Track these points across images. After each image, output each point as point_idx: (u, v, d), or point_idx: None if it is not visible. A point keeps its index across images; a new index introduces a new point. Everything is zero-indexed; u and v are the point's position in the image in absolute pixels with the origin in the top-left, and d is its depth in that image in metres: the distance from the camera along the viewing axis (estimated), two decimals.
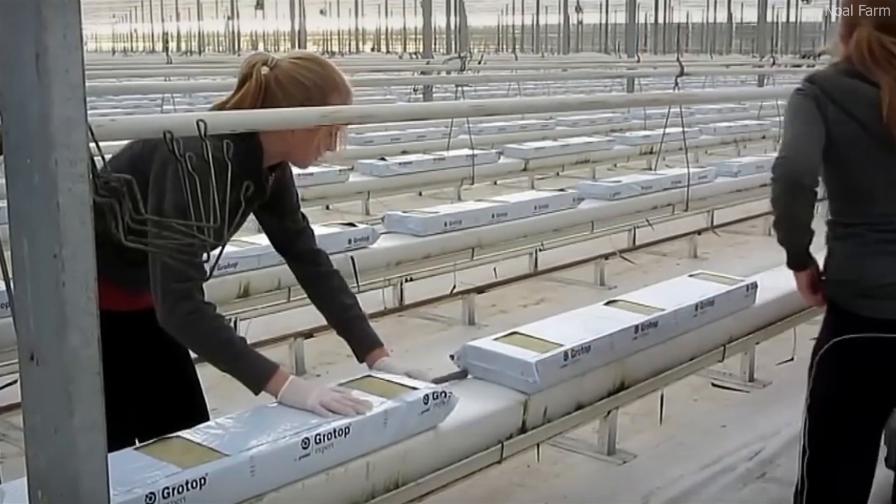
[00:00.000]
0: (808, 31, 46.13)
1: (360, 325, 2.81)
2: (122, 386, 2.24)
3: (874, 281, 2.60)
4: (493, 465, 2.87)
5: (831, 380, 2.74)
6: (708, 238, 8.61)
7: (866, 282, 2.62)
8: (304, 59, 2.61)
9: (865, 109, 2.51)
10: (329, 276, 2.86)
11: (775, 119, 14.16)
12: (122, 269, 2.38)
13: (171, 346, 2.57)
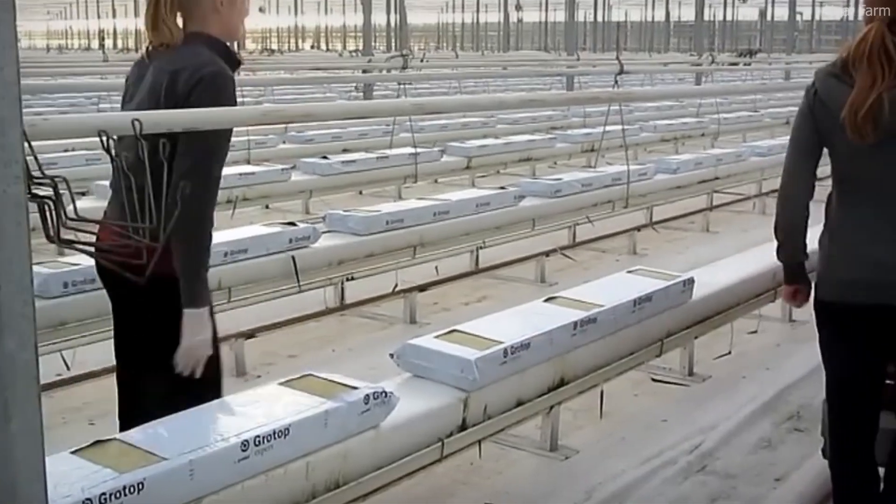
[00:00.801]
0: (745, 30, 46.80)
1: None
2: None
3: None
4: (434, 463, 2.87)
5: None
6: (647, 234, 8.69)
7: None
8: None
9: (837, 104, 2.75)
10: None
11: (713, 116, 14.38)
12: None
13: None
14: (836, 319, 2.97)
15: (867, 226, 2.86)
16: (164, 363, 2.63)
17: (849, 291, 2.90)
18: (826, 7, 42.67)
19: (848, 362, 3.01)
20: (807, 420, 4.49)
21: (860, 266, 2.87)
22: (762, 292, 4.69)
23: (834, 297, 2.95)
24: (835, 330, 3.00)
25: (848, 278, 2.90)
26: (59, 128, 1.85)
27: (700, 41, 20.05)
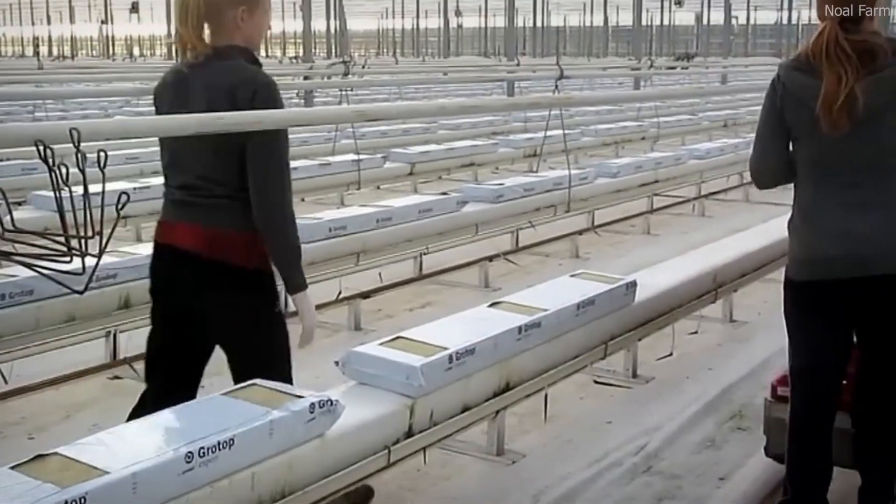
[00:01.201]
0: (682, 34, 47.34)
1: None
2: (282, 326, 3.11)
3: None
4: (381, 470, 2.86)
5: None
6: (589, 238, 8.76)
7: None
8: None
9: (814, 99, 2.92)
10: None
11: (653, 120, 14.53)
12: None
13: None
14: (813, 298, 3.09)
15: (842, 204, 3.00)
16: (241, 338, 3.08)
17: (827, 268, 3.03)
18: (761, 11, 43.31)
19: (822, 341, 3.14)
20: (749, 419, 4.55)
21: (838, 242, 3.00)
22: (703, 293, 4.75)
23: (812, 276, 3.07)
24: (809, 309, 3.12)
25: (827, 255, 3.03)
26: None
27: (638, 46, 20.26)
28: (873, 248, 2.99)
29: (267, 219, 2.97)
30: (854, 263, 3.00)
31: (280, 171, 2.99)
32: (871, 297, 3.05)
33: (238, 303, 3.02)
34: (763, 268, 5.44)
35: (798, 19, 38.45)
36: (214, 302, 3.02)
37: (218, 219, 3.02)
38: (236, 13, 3.02)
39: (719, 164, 10.90)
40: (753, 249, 5.30)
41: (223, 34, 3.03)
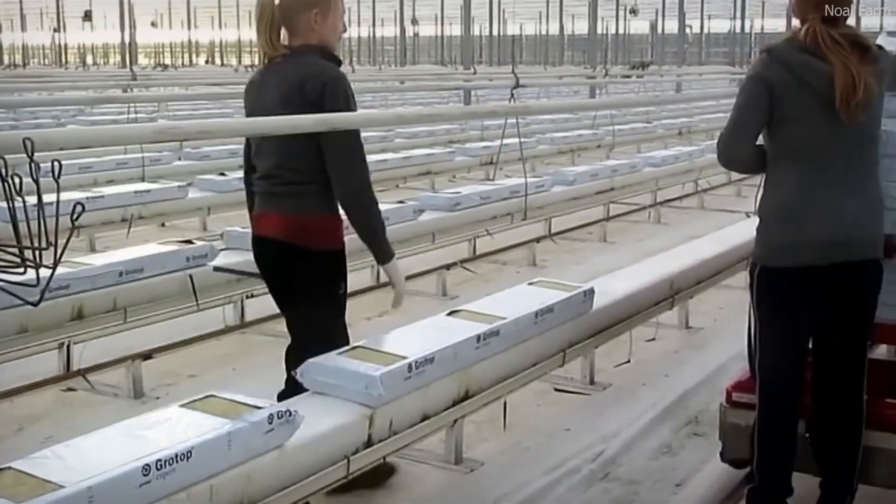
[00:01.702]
0: (637, 43, 47.72)
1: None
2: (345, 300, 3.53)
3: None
4: (340, 480, 2.85)
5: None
6: (546, 246, 8.78)
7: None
8: None
9: (818, 79, 2.95)
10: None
11: (608, 128, 14.62)
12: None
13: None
14: (794, 285, 3.12)
15: (831, 187, 3.04)
16: (318, 304, 3.46)
17: (818, 252, 3.06)
18: (714, 20, 43.78)
19: (796, 332, 3.19)
20: (705, 425, 4.58)
21: (830, 226, 3.05)
22: (660, 300, 4.78)
23: (798, 262, 3.08)
24: (788, 297, 3.14)
25: (820, 239, 3.05)
26: None
27: (594, 54, 20.43)
28: (860, 232, 3.07)
29: (352, 199, 3.37)
30: (843, 248, 3.05)
31: (359, 154, 3.36)
32: (851, 282, 3.10)
33: (319, 282, 3.46)
34: (718, 274, 5.49)
35: (751, 28, 38.89)
36: (293, 281, 3.49)
37: (295, 206, 3.42)
38: (310, 16, 3.36)
39: (674, 171, 10.99)
40: (709, 256, 5.34)
41: (299, 36, 3.39)
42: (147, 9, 41.47)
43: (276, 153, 3.43)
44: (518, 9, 42.18)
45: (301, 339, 3.56)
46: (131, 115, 12.40)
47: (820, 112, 2.98)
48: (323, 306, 3.48)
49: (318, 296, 3.47)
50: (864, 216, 3.09)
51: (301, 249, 3.42)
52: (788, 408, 3.26)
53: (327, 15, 3.41)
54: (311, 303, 3.48)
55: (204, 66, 43.05)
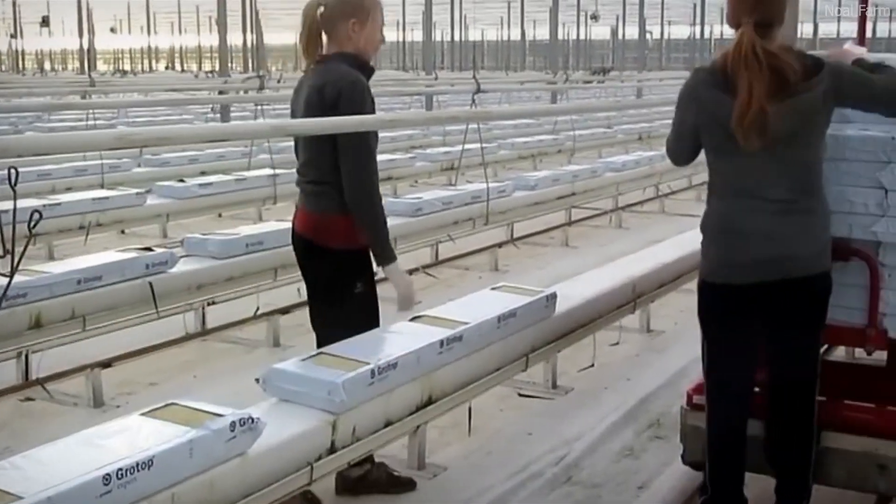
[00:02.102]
0: (598, 49, 47.97)
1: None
2: (374, 296, 3.74)
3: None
4: (303, 487, 2.84)
5: None
6: (508, 251, 8.80)
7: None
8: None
9: (727, 119, 2.96)
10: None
11: (569, 133, 14.68)
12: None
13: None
14: (732, 302, 3.14)
15: (762, 210, 3.05)
16: (335, 301, 3.71)
17: (750, 270, 3.08)
18: (674, 26, 44.09)
19: (738, 346, 3.20)
20: (667, 428, 4.61)
21: (761, 245, 3.06)
22: (622, 304, 4.81)
23: (733, 279, 3.11)
24: (727, 313, 3.17)
25: (751, 257, 3.07)
26: None
27: (555, 60, 20.49)
28: (794, 250, 3.06)
29: (357, 201, 3.55)
30: (776, 266, 3.06)
31: (366, 158, 3.57)
32: (787, 299, 3.11)
33: (335, 279, 3.69)
34: (679, 278, 5.53)
35: (710, 34, 39.20)
36: (318, 277, 3.76)
37: (317, 204, 3.69)
38: (348, 25, 3.57)
39: (635, 176, 11.06)
40: (670, 260, 5.38)
41: (336, 43, 3.61)
42: (106, 14, 41.11)
43: (306, 150, 3.71)
44: (479, 14, 42.22)
45: (321, 333, 3.77)
46: (90, 122, 12.28)
47: (738, 148, 2.98)
48: (339, 303, 3.70)
49: (334, 293, 3.72)
50: (801, 235, 3.07)
51: (319, 247, 3.70)
52: (735, 422, 3.27)
53: (365, 25, 3.61)
54: (328, 299, 3.75)
55: (164, 71, 42.74)
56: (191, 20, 44.14)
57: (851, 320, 3.43)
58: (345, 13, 3.59)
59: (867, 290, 3.46)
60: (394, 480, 3.98)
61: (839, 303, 3.42)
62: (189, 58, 50.38)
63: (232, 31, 16.82)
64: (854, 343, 3.81)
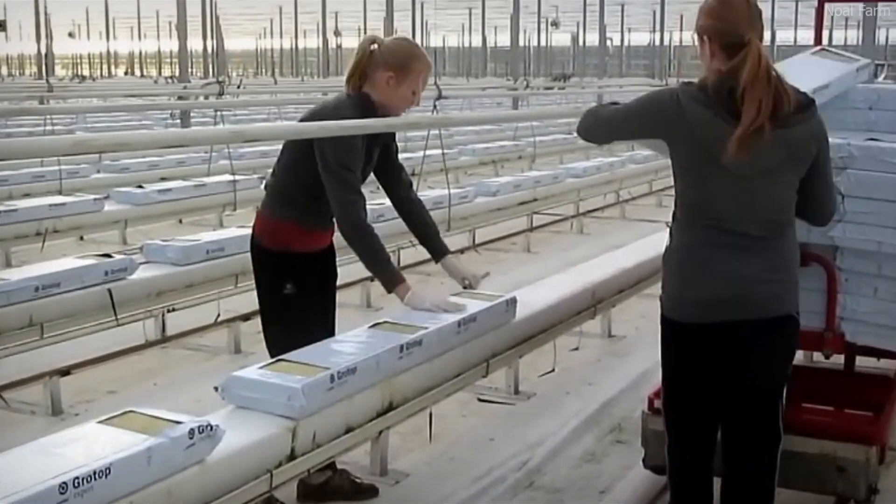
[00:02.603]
0: (559, 55, 48.18)
1: (436, 239, 4.13)
2: (314, 301, 3.82)
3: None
4: (263, 495, 2.82)
5: None
6: (470, 256, 8.81)
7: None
8: (400, 38, 3.87)
9: (714, 142, 2.78)
10: (416, 202, 4.13)
11: (530, 139, 14.73)
12: (315, 220, 3.79)
13: (331, 277, 4.02)
14: (696, 340, 2.97)
15: (729, 247, 2.87)
16: (264, 299, 3.87)
17: (716, 310, 2.91)
18: (634, 33, 44.39)
19: (698, 390, 3.05)
20: (628, 432, 4.63)
21: (728, 284, 2.89)
22: (582, 309, 4.82)
23: (700, 319, 2.94)
24: (690, 352, 3.00)
25: (717, 296, 2.90)
26: None
27: (516, 66, 20.54)
28: (756, 290, 2.90)
29: (343, 235, 3.68)
30: (738, 306, 2.90)
31: (336, 192, 3.60)
32: (750, 340, 2.95)
33: (265, 278, 3.84)
34: (640, 283, 5.55)
35: (670, 41, 39.49)
36: (255, 274, 3.89)
37: (264, 204, 3.87)
38: (385, 76, 3.65)
39: (596, 182, 11.10)
40: (630, 266, 5.40)
41: (370, 85, 3.70)
42: (64, 19, 40.76)
43: (279, 159, 3.87)
44: (440, 20, 42.29)
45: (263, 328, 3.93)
46: (48, 128, 12.16)
47: (717, 173, 2.82)
48: (268, 302, 3.86)
49: (264, 291, 3.86)
50: (767, 274, 2.90)
51: (256, 245, 3.86)
52: (697, 463, 3.12)
53: (402, 83, 3.68)
54: (259, 297, 3.90)
55: (123, 77, 42.41)
56: (150, 25, 43.86)
57: (810, 324, 3.46)
58: (388, 64, 3.66)
59: (825, 295, 3.50)
60: (356, 487, 3.97)
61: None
62: (148, 63, 50.06)
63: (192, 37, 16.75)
64: (812, 347, 3.84)
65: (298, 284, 3.76)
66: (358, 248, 3.69)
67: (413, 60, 3.71)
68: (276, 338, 3.79)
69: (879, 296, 3.44)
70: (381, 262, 3.72)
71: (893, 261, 3.40)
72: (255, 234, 3.86)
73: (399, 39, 3.84)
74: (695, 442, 3.11)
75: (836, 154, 3.38)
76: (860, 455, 3.44)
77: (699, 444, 3.11)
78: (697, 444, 3.11)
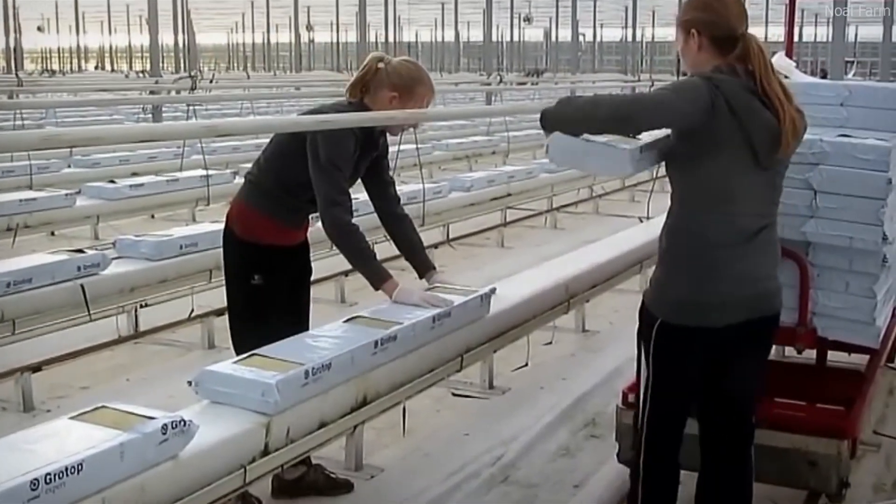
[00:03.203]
0: (532, 51, 48.23)
1: (421, 254, 4.05)
2: (282, 295, 3.79)
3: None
4: (237, 490, 2.81)
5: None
6: (444, 251, 8.82)
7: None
8: (407, 60, 3.85)
9: (759, 130, 2.77)
10: (403, 218, 4.09)
11: (503, 135, 14.74)
12: (290, 216, 3.81)
13: (304, 272, 4.02)
14: (699, 344, 2.92)
15: (744, 240, 2.85)
16: (230, 288, 3.90)
17: (734, 312, 2.87)
18: (607, 28, 44.51)
19: (691, 387, 3.04)
20: (602, 427, 4.65)
21: (750, 284, 2.88)
22: (556, 304, 4.83)
23: (712, 322, 2.88)
24: (688, 355, 2.95)
25: (734, 297, 2.86)
26: None
27: (489, 61, 20.53)
28: (770, 285, 2.94)
29: (325, 228, 3.65)
30: (755, 304, 2.91)
31: (322, 191, 3.59)
32: (757, 336, 2.98)
33: (233, 267, 3.85)
34: (613, 278, 5.57)
35: (642, 37, 39.62)
36: (224, 262, 3.91)
37: (240, 194, 3.86)
38: (389, 96, 3.70)
39: (570, 177, 11.10)
40: (604, 261, 5.41)
41: (371, 99, 3.75)
42: (33, 13, 40.39)
43: (265, 150, 3.88)
44: (413, 15, 42.20)
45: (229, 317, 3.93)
46: (17, 122, 12.05)
47: (745, 156, 2.79)
48: (234, 291, 3.87)
49: (231, 280, 3.88)
50: (774, 270, 2.96)
51: (227, 232, 3.87)
52: (673, 459, 3.12)
53: (404, 105, 3.71)
54: (227, 286, 3.92)
55: (94, 71, 42.09)
56: (121, 19, 43.54)
57: (782, 319, 3.49)
58: (394, 85, 3.71)
59: (797, 290, 3.52)
60: (331, 482, 3.96)
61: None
62: (119, 58, 49.70)
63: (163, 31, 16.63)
64: (785, 342, 3.87)
65: (266, 277, 3.76)
66: (343, 247, 3.70)
67: (418, 84, 3.76)
68: (239, 329, 3.82)
69: (850, 291, 3.47)
70: (367, 259, 3.72)
71: (864, 256, 3.43)
72: (227, 222, 3.87)
73: (406, 62, 3.85)
74: (674, 438, 3.10)
75: (809, 150, 3.41)
76: (832, 449, 3.47)
77: (676, 440, 3.10)
78: (675, 440, 3.10)
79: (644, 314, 3.01)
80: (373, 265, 3.72)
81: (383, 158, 4.01)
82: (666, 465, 3.13)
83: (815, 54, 37.07)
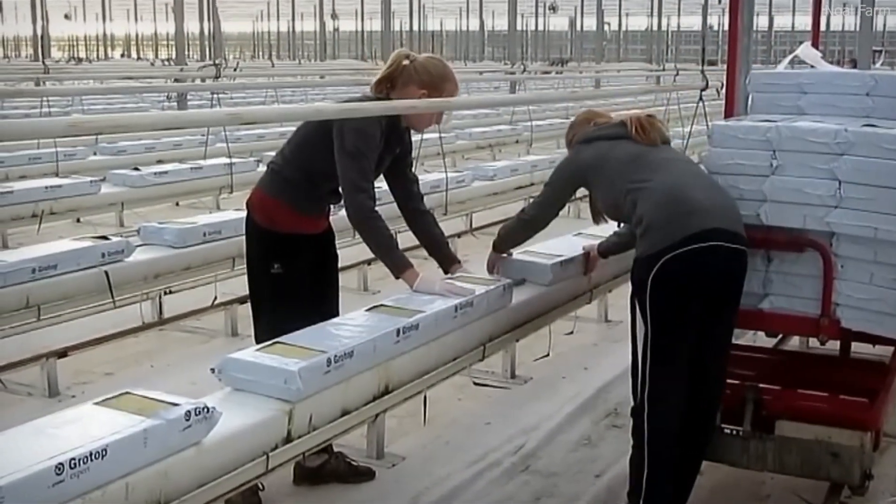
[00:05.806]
0: (556, 39, 48.08)
1: (444, 249, 4.11)
2: (304, 283, 3.81)
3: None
4: (259, 477, 2.83)
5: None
6: (467, 241, 8.82)
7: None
8: (433, 57, 3.89)
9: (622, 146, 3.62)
10: (425, 214, 4.13)
11: (527, 124, 14.70)
12: (310, 205, 3.84)
13: (327, 260, 4.03)
14: (694, 268, 3.24)
15: (695, 186, 3.39)
16: (252, 277, 3.92)
17: (710, 222, 3.25)
18: (632, 17, 44.31)
19: (685, 335, 3.27)
20: (624, 416, 4.62)
21: (714, 211, 3.29)
22: (579, 294, 4.82)
23: (702, 242, 3.22)
24: (684, 283, 3.24)
25: (710, 216, 3.27)
26: None
27: (514, 50, 20.47)
28: (736, 220, 3.35)
29: (348, 216, 3.68)
30: (731, 233, 3.27)
31: (349, 179, 3.63)
32: (737, 269, 3.32)
33: (254, 255, 3.88)
34: None
35: (668, 26, 39.44)
36: (246, 250, 3.95)
37: (262, 181, 3.87)
38: (418, 92, 3.71)
39: None
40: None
41: (395, 93, 3.77)
42: (60, 1, 40.61)
43: (290, 138, 3.89)
44: (438, 4, 42.17)
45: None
46: (44, 110, 12.12)
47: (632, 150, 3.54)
48: (255, 280, 3.90)
49: (253, 268, 3.91)
50: (733, 209, 3.39)
51: (249, 221, 3.89)
52: (674, 437, 3.33)
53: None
54: (248, 274, 3.95)
55: (119, 59, 42.29)
56: (147, 7, 43.72)
57: (805, 310, 3.48)
58: (422, 82, 3.73)
59: (821, 281, 3.50)
60: (352, 470, 3.98)
61: (793, 293, 3.46)
62: (145, 45, 49.92)
63: (189, 19, 16.69)
64: (808, 332, 3.86)
65: (286, 265, 3.78)
66: (365, 234, 3.72)
67: (445, 82, 3.79)
68: (261, 317, 3.85)
69: (875, 282, 3.44)
70: (388, 248, 3.74)
71: (889, 247, 3.40)
72: (249, 208, 3.90)
73: (432, 58, 3.88)
74: (676, 399, 3.31)
75: (833, 140, 3.39)
76: (855, 441, 3.46)
77: (678, 404, 3.32)
78: (677, 404, 3.32)
79: (636, 269, 3.35)
80: (394, 254, 3.74)
81: (407, 155, 4.02)
82: (669, 425, 3.30)
83: (843, 43, 36.78)
